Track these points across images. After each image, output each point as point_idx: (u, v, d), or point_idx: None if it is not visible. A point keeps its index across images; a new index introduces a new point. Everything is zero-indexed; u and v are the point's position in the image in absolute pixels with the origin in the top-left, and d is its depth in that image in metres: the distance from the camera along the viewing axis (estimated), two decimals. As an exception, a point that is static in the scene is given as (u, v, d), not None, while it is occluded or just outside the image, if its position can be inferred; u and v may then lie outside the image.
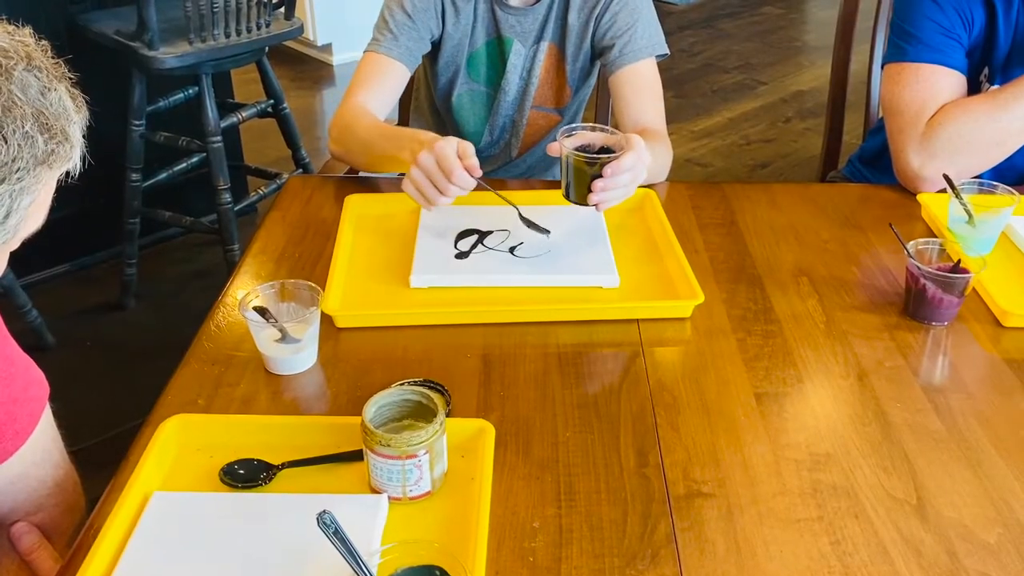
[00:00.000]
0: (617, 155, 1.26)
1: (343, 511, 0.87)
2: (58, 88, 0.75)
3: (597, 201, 1.28)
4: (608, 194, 1.28)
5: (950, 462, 1.00)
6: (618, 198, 1.30)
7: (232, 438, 0.99)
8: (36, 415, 0.93)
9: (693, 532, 0.91)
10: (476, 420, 1.00)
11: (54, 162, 0.75)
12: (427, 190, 1.29)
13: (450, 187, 1.27)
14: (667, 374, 1.13)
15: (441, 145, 1.26)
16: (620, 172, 1.25)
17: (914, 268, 1.21)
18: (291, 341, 1.10)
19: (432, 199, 1.29)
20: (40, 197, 0.76)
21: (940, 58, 1.51)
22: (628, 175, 1.27)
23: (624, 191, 1.29)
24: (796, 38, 4.97)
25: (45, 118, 0.73)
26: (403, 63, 1.57)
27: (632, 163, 1.26)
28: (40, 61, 0.74)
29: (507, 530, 0.90)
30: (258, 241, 1.40)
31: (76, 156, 0.77)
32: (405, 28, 1.56)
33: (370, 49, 1.58)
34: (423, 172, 1.28)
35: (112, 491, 0.94)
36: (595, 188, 1.26)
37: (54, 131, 0.74)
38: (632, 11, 1.59)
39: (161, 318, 2.65)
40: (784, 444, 1.02)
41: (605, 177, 1.25)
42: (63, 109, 0.75)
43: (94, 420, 2.18)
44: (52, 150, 0.73)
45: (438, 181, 1.27)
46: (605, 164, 1.25)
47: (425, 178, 1.28)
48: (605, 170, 1.25)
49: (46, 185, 0.76)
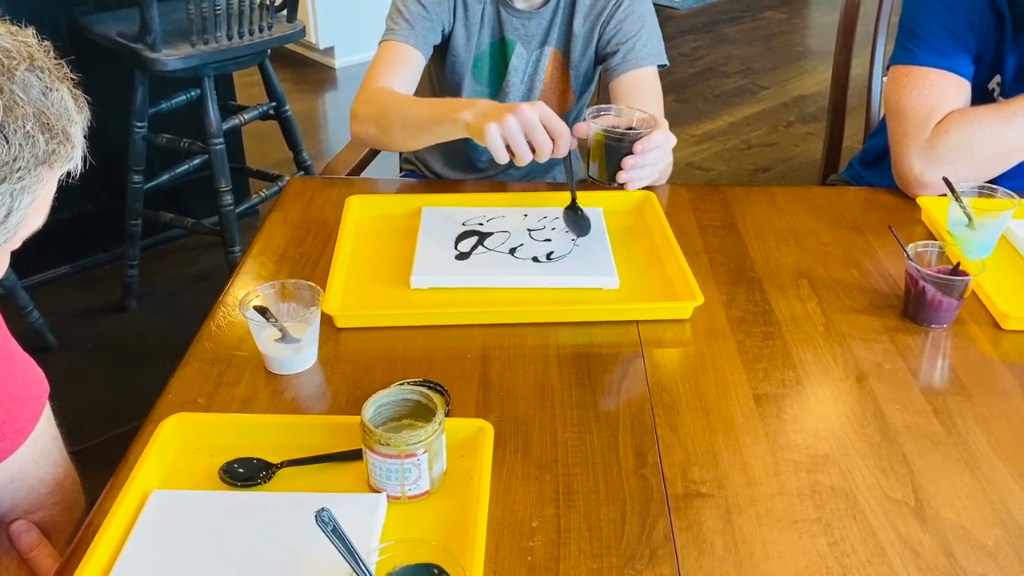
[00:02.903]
0: (647, 132, 1.26)
1: (342, 510, 0.87)
2: (60, 89, 0.75)
3: (626, 180, 1.29)
4: (638, 172, 1.28)
5: (949, 464, 1.00)
6: (647, 177, 1.31)
7: (232, 437, 0.99)
8: (36, 414, 0.94)
9: (691, 532, 0.91)
10: (475, 420, 1.01)
11: (55, 162, 0.75)
12: (519, 144, 1.26)
13: (547, 144, 1.26)
14: (666, 375, 1.13)
15: (546, 106, 1.27)
16: (650, 148, 1.26)
17: (913, 270, 1.21)
18: (291, 341, 1.10)
19: (521, 152, 1.27)
20: (41, 197, 0.76)
21: (948, 64, 1.50)
22: (657, 152, 1.28)
23: (652, 169, 1.30)
24: (798, 43, 4.98)
25: (47, 118, 0.73)
26: (420, 51, 1.57)
27: (661, 140, 1.27)
28: (42, 62, 0.75)
29: (505, 529, 0.90)
30: (259, 242, 1.40)
31: (77, 156, 0.78)
32: (420, 17, 1.57)
33: (386, 38, 1.58)
34: (522, 124, 1.25)
35: (111, 489, 0.94)
36: (625, 165, 1.27)
37: (55, 131, 0.74)
38: (637, 19, 1.60)
39: (162, 320, 2.65)
40: (783, 445, 1.02)
41: (636, 154, 1.26)
42: (65, 109, 0.75)
43: (95, 421, 2.18)
44: (53, 150, 0.74)
45: (538, 133, 1.26)
46: (635, 141, 1.25)
47: (521, 130, 1.26)
48: (636, 146, 1.26)
49: (47, 185, 0.77)
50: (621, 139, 1.27)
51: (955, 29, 1.51)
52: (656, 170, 1.32)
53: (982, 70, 1.55)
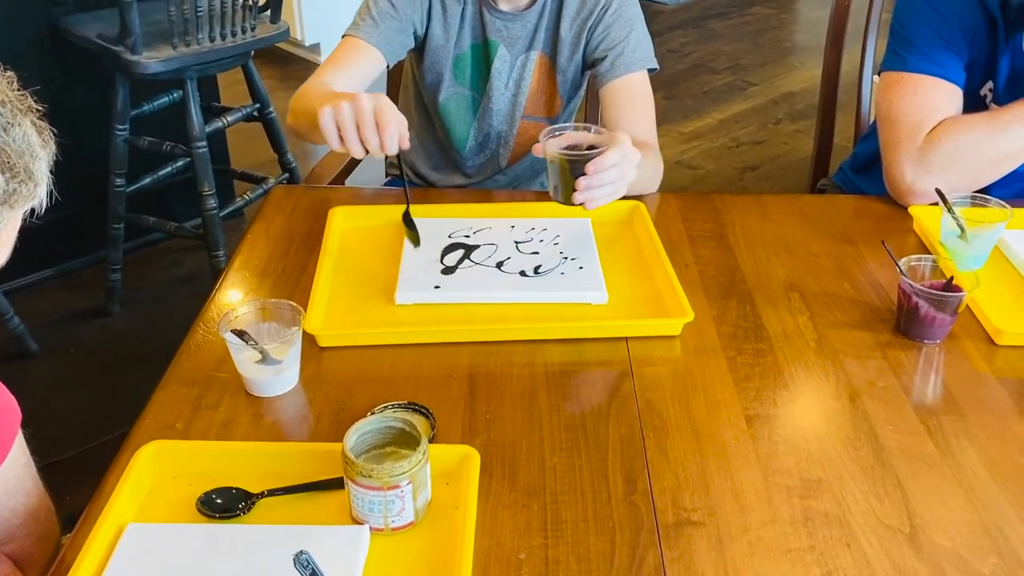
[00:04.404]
0: (601, 151, 1.24)
1: (323, 544, 0.85)
2: (23, 123, 0.72)
3: (582, 200, 1.25)
4: (594, 192, 1.24)
5: (943, 487, 0.98)
6: (606, 196, 1.26)
7: (210, 465, 0.96)
8: (7, 443, 0.90)
9: (682, 563, 0.89)
10: (461, 446, 0.98)
11: (16, 202, 0.72)
12: (349, 132, 1.21)
13: (373, 139, 1.21)
14: (656, 395, 1.11)
15: (387, 99, 1.22)
16: (604, 168, 1.22)
17: (906, 286, 1.19)
18: (272, 362, 1.07)
19: (350, 141, 1.22)
20: (2, 236, 0.73)
21: (941, 71, 1.48)
22: (614, 171, 1.24)
23: (611, 188, 1.26)
24: (786, 39, 4.96)
25: (7, 156, 0.70)
26: (380, 50, 1.54)
27: (617, 159, 1.23)
28: (3, 95, 0.71)
29: (492, 562, 0.88)
30: (241, 254, 1.37)
31: (41, 193, 0.74)
32: (387, 16, 1.54)
33: (348, 33, 1.56)
34: (355, 112, 1.21)
35: (85, 522, 0.91)
36: (579, 187, 1.24)
37: (16, 170, 0.71)
38: (625, 24, 1.57)
39: (146, 324, 2.62)
40: (775, 469, 1.00)
41: (588, 175, 1.23)
42: (27, 146, 0.72)
43: (79, 428, 2.16)
44: (14, 189, 0.70)
45: (366, 125, 1.20)
46: (589, 161, 1.22)
47: (353, 119, 1.21)
48: (588, 167, 1.22)
49: (8, 225, 0.73)
50: (576, 160, 1.25)
51: (947, 35, 1.49)
52: (616, 188, 1.27)
53: (974, 76, 1.53)
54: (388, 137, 1.21)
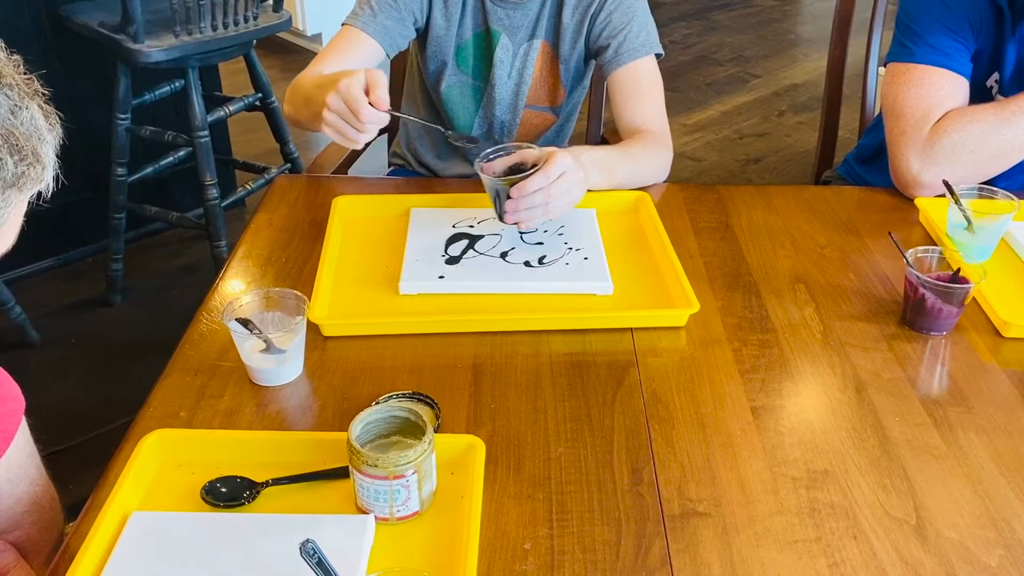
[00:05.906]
0: (527, 174, 1.25)
1: (328, 533, 0.85)
2: (30, 106, 0.71)
3: (512, 221, 1.29)
4: (522, 214, 1.27)
5: (950, 479, 0.98)
6: (538, 216, 1.28)
7: (215, 454, 0.96)
8: (11, 432, 0.90)
9: (688, 554, 0.88)
10: (466, 436, 0.98)
11: (24, 184, 0.71)
12: (346, 131, 1.29)
13: (363, 125, 1.27)
14: (662, 386, 1.10)
15: (346, 84, 1.26)
16: (526, 193, 1.25)
17: (913, 277, 1.18)
18: (276, 352, 1.07)
19: (354, 139, 1.30)
20: (10, 219, 0.73)
21: (947, 63, 1.47)
22: (540, 195, 1.25)
23: (543, 209, 1.27)
24: (789, 30, 4.95)
25: (15, 139, 0.69)
26: (378, 41, 1.53)
27: (540, 183, 1.25)
28: (11, 78, 0.71)
29: (497, 552, 0.88)
30: (244, 244, 1.36)
31: (48, 176, 0.74)
32: (386, 7, 1.54)
33: (346, 22, 1.56)
34: (336, 114, 1.28)
35: (89, 510, 0.91)
36: (507, 208, 1.27)
37: (24, 152, 0.70)
38: (627, 10, 1.56)
39: (148, 314, 2.61)
40: (781, 460, 1.00)
41: (513, 198, 1.26)
42: (35, 129, 0.71)
43: (80, 418, 2.15)
44: (23, 172, 0.70)
45: (351, 121, 1.27)
46: (513, 184, 1.25)
47: (339, 120, 1.28)
48: (512, 191, 1.25)
49: (16, 208, 0.73)
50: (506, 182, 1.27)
51: (954, 27, 1.48)
52: (549, 208, 1.27)
53: (980, 67, 1.53)
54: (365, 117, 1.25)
